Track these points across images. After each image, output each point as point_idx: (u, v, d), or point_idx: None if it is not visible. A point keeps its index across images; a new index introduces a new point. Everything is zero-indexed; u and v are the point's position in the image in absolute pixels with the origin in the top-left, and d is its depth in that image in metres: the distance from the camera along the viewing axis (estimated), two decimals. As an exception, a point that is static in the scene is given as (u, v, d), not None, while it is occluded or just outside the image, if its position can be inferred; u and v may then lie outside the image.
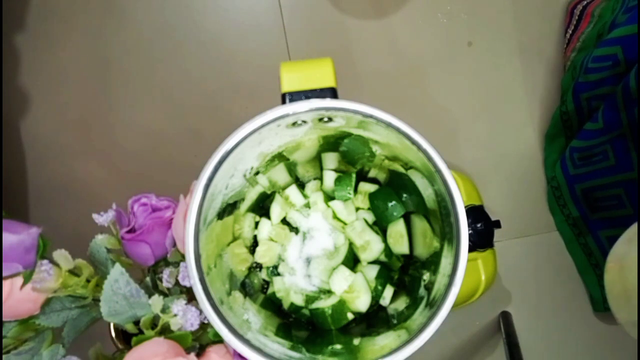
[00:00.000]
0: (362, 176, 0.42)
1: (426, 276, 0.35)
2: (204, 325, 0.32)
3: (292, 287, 0.39)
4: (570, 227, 0.62)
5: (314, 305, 0.38)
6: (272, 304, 0.40)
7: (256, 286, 0.40)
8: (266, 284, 0.41)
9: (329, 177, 0.41)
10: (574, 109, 0.60)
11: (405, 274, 0.41)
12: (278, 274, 0.40)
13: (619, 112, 0.53)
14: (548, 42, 0.67)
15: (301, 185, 0.43)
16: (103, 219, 0.32)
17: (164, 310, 0.31)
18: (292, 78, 0.33)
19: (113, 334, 0.38)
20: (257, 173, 0.38)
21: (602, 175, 0.57)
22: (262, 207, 0.42)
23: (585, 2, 0.63)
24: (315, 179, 0.43)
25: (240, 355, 0.29)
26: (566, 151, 0.59)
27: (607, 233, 0.59)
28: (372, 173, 0.42)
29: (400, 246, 0.40)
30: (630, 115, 0.52)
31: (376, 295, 0.39)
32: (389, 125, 0.30)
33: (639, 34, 0.47)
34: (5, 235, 0.26)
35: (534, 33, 0.69)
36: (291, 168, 0.41)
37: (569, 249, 0.63)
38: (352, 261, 0.40)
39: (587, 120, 0.57)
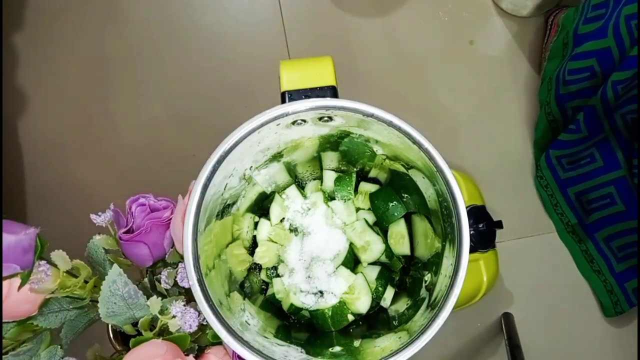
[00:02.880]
0: (363, 176, 0.42)
1: (427, 277, 0.35)
2: (203, 327, 0.32)
3: (291, 289, 0.38)
4: (570, 235, 0.63)
5: (314, 307, 0.37)
6: (271, 306, 0.39)
7: (255, 287, 0.40)
8: (265, 285, 0.41)
9: (329, 177, 0.41)
10: (560, 117, 0.61)
11: (406, 275, 0.40)
12: (277, 275, 0.40)
13: (601, 120, 0.55)
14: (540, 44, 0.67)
15: (301, 186, 0.43)
16: (101, 219, 0.32)
17: (163, 311, 0.30)
18: (292, 77, 0.33)
19: (111, 336, 0.38)
20: (256, 172, 0.37)
21: (593, 177, 0.59)
22: (261, 207, 0.42)
23: (556, 12, 0.65)
24: (315, 179, 0.43)
25: (239, 357, 0.29)
26: (551, 158, 0.61)
27: (603, 234, 0.60)
28: (373, 173, 0.42)
29: (401, 247, 0.39)
30: (612, 122, 0.55)
31: (377, 297, 0.38)
32: (389, 124, 0.30)
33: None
34: (3, 236, 0.26)
35: (528, 35, 0.68)
36: (291, 168, 0.40)
37: (573, 257, 0.63)
38: (352, 262, 0.40)
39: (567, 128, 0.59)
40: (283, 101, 0.33)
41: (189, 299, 0.31)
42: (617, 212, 0.58)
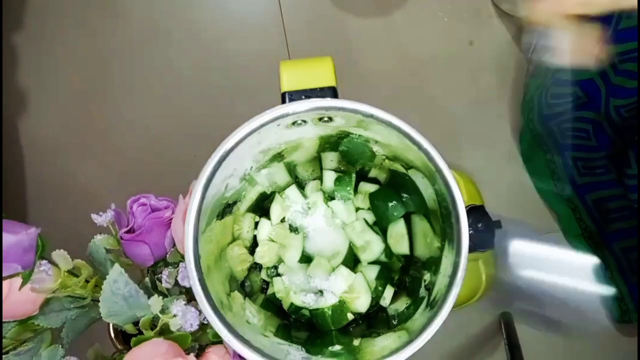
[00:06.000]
0: (362, 176, 0.42)
1: (427, 276, 0.35)
2: (204, 326, 0.32)
3: (292, 288, 0.38)
4: (587, 240, 0.62)
5: (314, 306, 0.37)
6: (271, 305, 0.40)
7: (256, 287, 0.40)
8: (266, 284, 0.41)
9: (329, 177, 0.41)
10: (545, 132, 0.61)
11: (405, 275, 0.41)
12: (278, 275, 0.40)
13: (610, 136, 0.56)
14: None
15: (301, 186, 0.43)
16: (102, 219, 0.32)
17: (164, 310, 0.31)
18: (292, 77, 0.33)
19: (112, 335, 0.38)
20: (256, 173, 0.37)
21: (610, 187, 0.59)
22: (261, 207, 0.42)
23: None
24: (315, 179, 0.43)
25: (239, 356, 0.29)
26: (568, 160, 0.60)
27: (622, 244, 0.59)
28: (373, 173, 0.42)
29: (401, 246, 0.40)
30: (621, 138, 0.55)
31: (376, 296, 0.39)
32: (389, 124, 0.30)
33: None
34: (4, 236, 0.26)
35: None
36: (291, 168, 0.41)
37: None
38: (352, 261, 0.40)
39: (563, 137, 0.59)
40: (283, 102, 0.33)
41: (190, 298, 0.31)
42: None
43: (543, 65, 0.59)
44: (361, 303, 0.37)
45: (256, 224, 0.41)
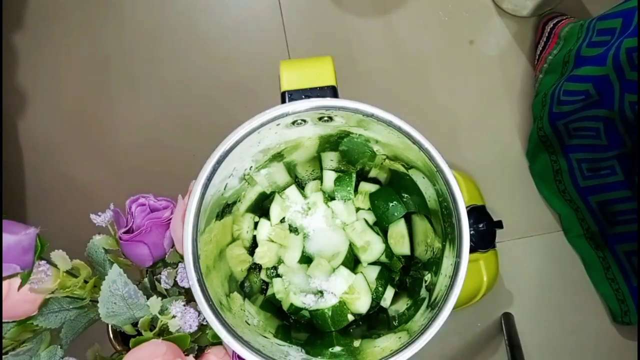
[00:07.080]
0: (363, 176, 0.42)
1: (427, 277, 0.35)
2: (203, 327, 0.32)
3: (291, 288, 0.38)
4: (588, 240, 0.61)
5: (314, 307, 0.37)
6: (271, 306, 0.39)
7: (255, 287, 0.40)
8: (265, 285, 0.41)
9: (329, 177, 0.41)
10: (552, 132, 0.61)
11: (406, 275, 0.40)
12: (278, 275, 0.40)
13: (622, 135, 0.54)
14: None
15: (301, 186, 0.43)
16: (101, 219, 0.32)
17: (163, 311, 0.30)
18: (292, 76, 0.33)
19: (111, 336, 0.38)
20: (256, 173, 0.37)
21: (615, 189, 0.58)
22: (261, 207, 0.42)
23: (556, 20, 0.64)
24: (315, 179, 0.43)
25: (239, 357, 0.29)
26: (572, 161, 0.60)
27: (625, 248, 0.59)
28: (373, 173, 0.42)
29: (401, 247, 0.39)
30: (634, 140, 0.54)
31: (377, 297, 0.38)
32: (389, 124, 0.30)
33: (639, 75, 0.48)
34: (3, 236, 0.26)
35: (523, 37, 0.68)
36: (291, 168, 0.40)
37: (584, 262, 0.62)
38: (352, 262, 0.40)
39: (569, 138, 0.58)
40: (283, 101, 0.33)
41: (189, 299, 0.31)
42: None
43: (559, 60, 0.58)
44: (361, 304, 0.37)
45: (256, 224, 0.41)
